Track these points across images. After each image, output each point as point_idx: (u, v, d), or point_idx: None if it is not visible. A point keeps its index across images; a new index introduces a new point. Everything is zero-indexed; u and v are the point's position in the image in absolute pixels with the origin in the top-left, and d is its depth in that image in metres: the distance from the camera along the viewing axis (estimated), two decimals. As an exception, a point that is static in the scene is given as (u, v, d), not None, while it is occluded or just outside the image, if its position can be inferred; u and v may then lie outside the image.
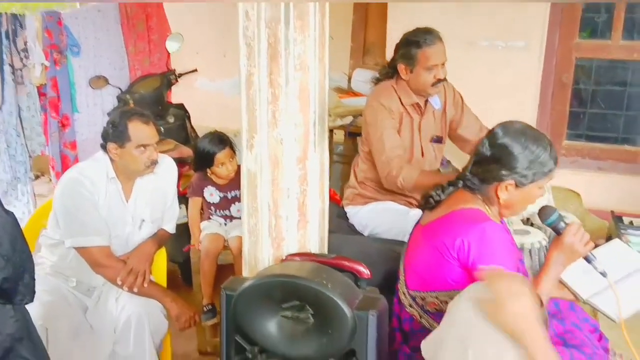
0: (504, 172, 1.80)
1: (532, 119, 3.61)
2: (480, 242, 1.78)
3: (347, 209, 2.90)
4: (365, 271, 1.86)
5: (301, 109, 1.87)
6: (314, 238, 2.02)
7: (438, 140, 2.80)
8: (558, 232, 1.86)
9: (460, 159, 3.04)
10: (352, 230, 2.85)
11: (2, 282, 1.60)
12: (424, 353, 1.54)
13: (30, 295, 1.70)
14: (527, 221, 2.64)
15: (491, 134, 1.86)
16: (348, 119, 3.86)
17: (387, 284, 2.12)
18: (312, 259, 1.89)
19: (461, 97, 2.84)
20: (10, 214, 1.62)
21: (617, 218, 3.14)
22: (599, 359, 1.82)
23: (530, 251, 2.31)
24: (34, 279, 1.72)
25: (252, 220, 1.98)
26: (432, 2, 3.54)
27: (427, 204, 1.98)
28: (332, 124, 3.74)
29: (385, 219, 2.73)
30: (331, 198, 2.46)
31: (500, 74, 3.62)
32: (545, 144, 1.81)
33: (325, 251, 2.08)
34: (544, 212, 1.89)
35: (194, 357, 2.96)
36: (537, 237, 2.37)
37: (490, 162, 1.83)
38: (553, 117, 3.75)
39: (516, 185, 1.81)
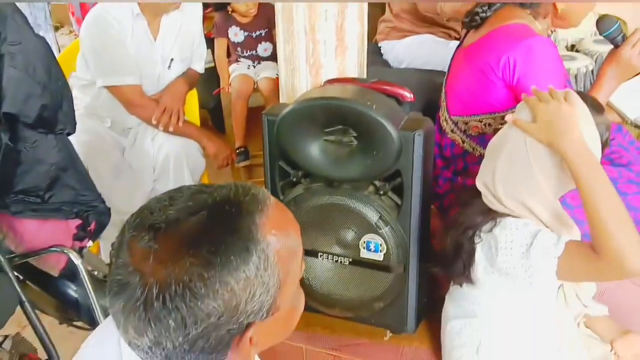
0: None
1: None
2: (527, 58, 1.68)
3: (381, 44, 2.78)
4: (408, 94, 1.78)
5: None
6: (353, 64, 1.94)
7: None
8: (616, 45, 1.75)
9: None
10: (387, 66, 2.76)
11: (41, 110, 1.57)
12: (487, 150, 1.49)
13: (72, 124, 1.68)
14: (572, 48, 2.51)
15: None
16: (377, -47, 3.60)
17: (427, 115, 2.06)
18: (352, 83, 1.82)
19: None
20: (40, 38, 1.55)
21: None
22: (647, 177, 1.79)
23: (576, 76, 2.22)
24: (73, 109, 1.69)
25: (287, 47, 1.89)
26: None
27: (471, 21, 1.86)
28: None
29: (423, 51, 2.61)
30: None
31: None
32: None
33: (365, 78, 2.01)
34: (603, 21, 1.76)
35: (231, 197, 3.02)
36: (583, 62, 2.26)
37: None
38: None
39: None
